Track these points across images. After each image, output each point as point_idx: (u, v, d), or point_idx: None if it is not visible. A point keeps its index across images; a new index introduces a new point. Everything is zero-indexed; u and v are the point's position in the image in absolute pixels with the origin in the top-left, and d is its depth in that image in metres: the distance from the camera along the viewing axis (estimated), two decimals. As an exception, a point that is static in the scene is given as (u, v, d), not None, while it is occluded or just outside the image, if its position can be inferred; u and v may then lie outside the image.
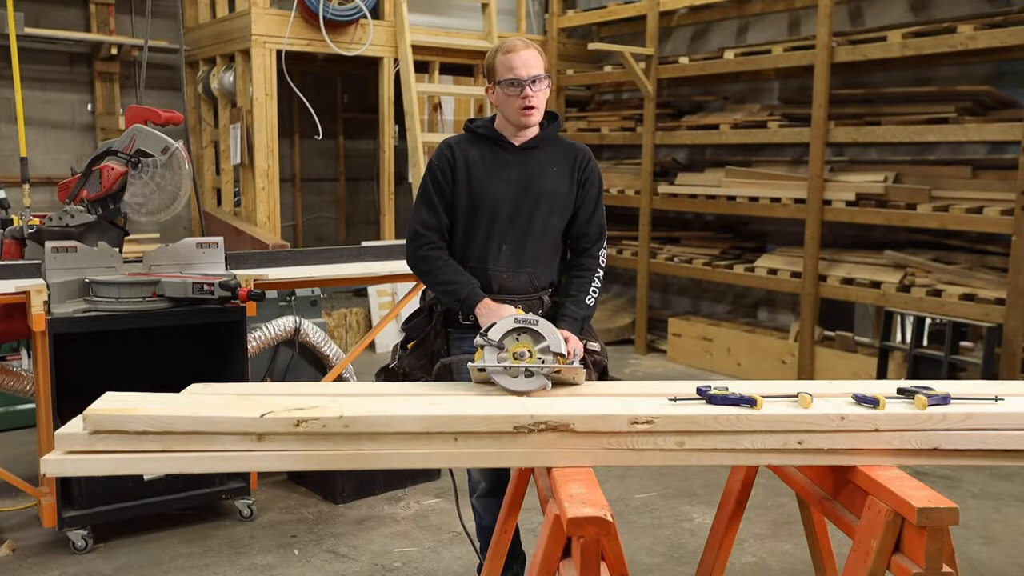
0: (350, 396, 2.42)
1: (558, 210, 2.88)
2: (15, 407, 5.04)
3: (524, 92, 2.75)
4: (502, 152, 2.86)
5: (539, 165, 2.86)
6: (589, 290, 2.86)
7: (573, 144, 2.97)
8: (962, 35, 5.29)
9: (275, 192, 6.97)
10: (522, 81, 2.74)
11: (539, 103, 2.79)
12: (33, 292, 3.39)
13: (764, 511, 4.06)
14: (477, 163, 2.85)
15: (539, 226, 2.85)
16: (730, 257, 7.01)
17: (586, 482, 2.09)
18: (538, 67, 2.77)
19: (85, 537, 3.60)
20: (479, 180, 2.84)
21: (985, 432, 2.27)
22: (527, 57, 2.76)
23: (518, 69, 2.75)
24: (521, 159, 2.86)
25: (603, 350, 2.89)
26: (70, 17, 7.34)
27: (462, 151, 2.88)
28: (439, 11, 7.80)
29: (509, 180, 2.83)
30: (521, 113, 2.78)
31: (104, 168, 3.72)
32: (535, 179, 2.84)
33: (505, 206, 2.82)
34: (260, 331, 4.44)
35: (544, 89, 2.80)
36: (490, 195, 2.83)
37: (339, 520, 3.97)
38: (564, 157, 2.90)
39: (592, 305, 2.85)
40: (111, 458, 2.11)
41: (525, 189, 2.83)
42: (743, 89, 7.41)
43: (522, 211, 2.83)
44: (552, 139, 2.92)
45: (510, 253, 2.84)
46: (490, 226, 2.84)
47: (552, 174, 2.87)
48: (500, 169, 2.84)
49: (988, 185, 5.47)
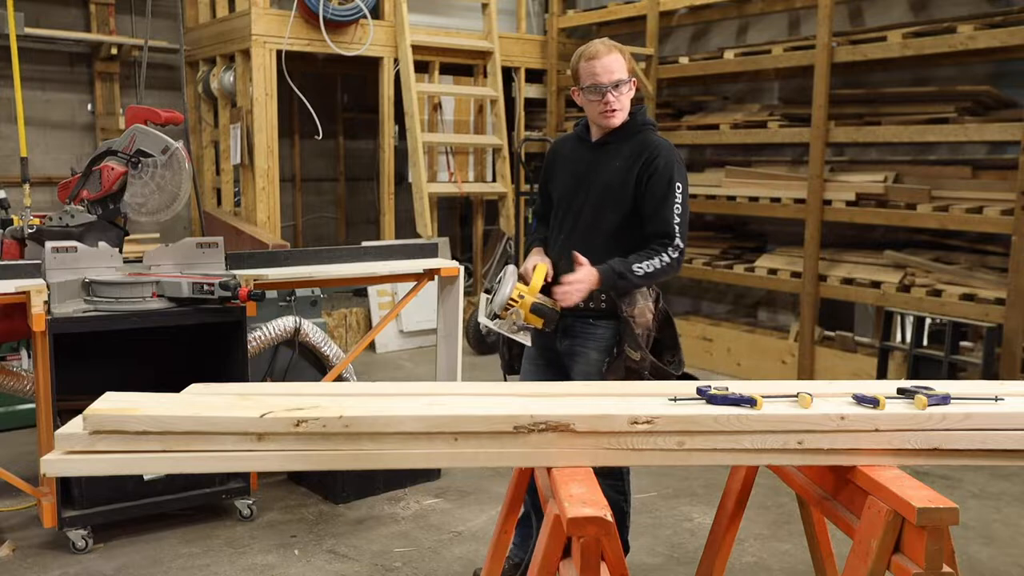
0: (350, 396, 2.42)
1: (611, 204, 2.94)
2: (15, 407, 5.04)
3: (606, 98, 2.89)
4: (581, 148, 3.06)
5: (605, 160, 2.98)
6: (644, 261, 2.84)
7: (650, 140, 2.97)
8: (962, 35, 5.29)
9: (275, 192, 6.97)
10: (603, 88, 2.88)
11: (621, 106, 2.92)
12: (33, 292, 3.39)
13: (764, 511, 4.06)
14: (561, 160, 3.12)
15: (590, 219, 2.97)
16: (730, 257, 7.01)
17: (586, 482, 2.10)
18: (620, 71, 2.89)
19: (85, 537, 3.60)
20: (555, 174, 3.13)
21: (985, 432, 2.27)
22: (609, 63, 2.88)
23: (600, 75, 2.88)
24: (592, 155, 3.02)
25: (644, 360, 2.85)
26: (70, 17, 7.34)
27: (557, 148, 3.19)
28: (439, 11, 7.80)
29: (572, 174, 3.03)
30: (602, 116, 2.94)
31: (104, 168, 3.73)
32: (593, 173, 2.98)
33: (564, 198, 3.05)
34: (260, 331, 4.44)
35: (627, 92, 2.92)
36: (558, 188, 3.10)
37: (339, 520, 3.97)
38: (633, 153, 2.94)
39: (638, 274, 2.82)
40: (111, 458, 2.11)
41: (581, 182, 3.00)
42: (743, 89, 7.41)
43: (575, 203, 3.01)
44: (630, 134, 2.98)
45: (565, 241, 3.01)
46: (556, 217, 3.10)
47: (613, 168, 2.95)
48: (572, 164, 3.06)
49: (988, 185, 5.47)
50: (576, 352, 2.99)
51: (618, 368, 2.87)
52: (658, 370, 2.87)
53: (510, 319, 2.79)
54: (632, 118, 2.98)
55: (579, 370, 2.98)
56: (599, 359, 2.93)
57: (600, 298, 2.92)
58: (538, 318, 2.85)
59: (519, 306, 2.80)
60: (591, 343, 2.96)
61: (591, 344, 2.96)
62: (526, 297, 2.82)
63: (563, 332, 2.99)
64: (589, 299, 2.90)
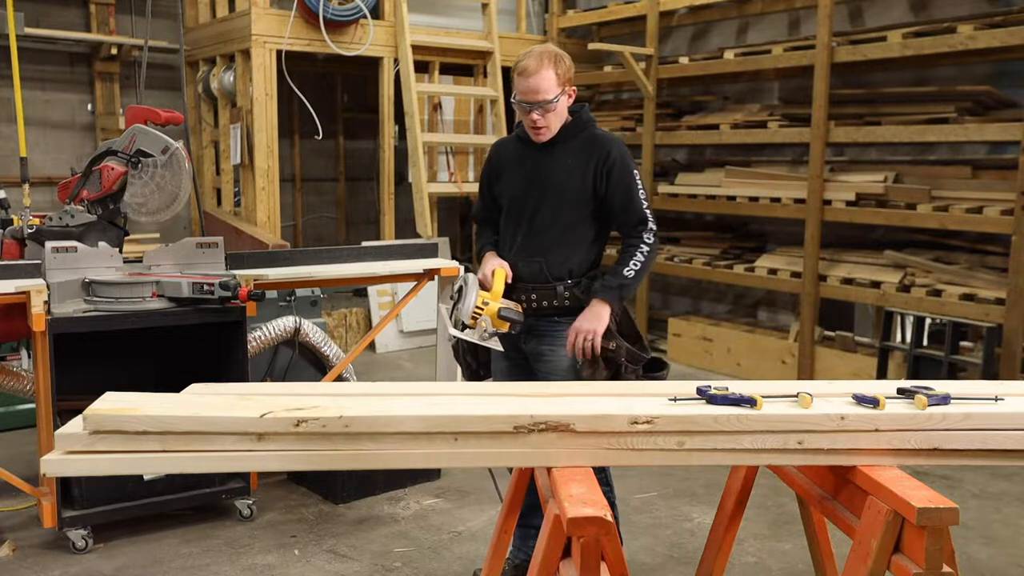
0: (350, 396, 2.42)
1: (568, 203, 2.97)
2: (15, 407, 5.04)
3: (531, 115, 2.90)
4: (525, 149, 3.04)
5: (554, 159, 2.98)
6: (629, 262, 2.92)
7: (598, 136, 3.00)
8: (962, 35, 5.29)
9: (275, 192, 6.97)
10: (530, 106, 2.87)
11: (547, 123, 2.92)
12: (33, 292, 3.39)
13: (764, 511, 4.06)
14: (504, 163, 3.11)
15: (547, 219, 2.98)
16: (730, 257, 7.00)
17: (586, 482, 2.09)
18: (548, 90, 2.85)
19: (85, 537, 3.60)
20: (500, 177, 3.11)
21: (985, 432, 2.26)
22: (536, 83, 2.85)
23: (526, 94, 2.88)
24: (539, 155, 3.01)
25: (619, 348, 2.90)
26: (70, 17, 7.34)
27: (499, 150, 3.19)
28: (439, 11, 7.80)
29: (522, 176, 3.02)
30: (531, 131, 2.96)
31: (104, 168, 3.72)
32: (544, 174, 2.98)
33: (517, 201, 3.04)
34: (260, 331, 4.44)
35: (556, 109, 2.90)
36: (506, 190, 3.09)
37: (339, 520, 3.97)
38: (584, 151, 2.96)
39: (631, 276, 2.90)
40: (111, 458, 2.11)
41: (532, 184, 3.00)
42: (743, 89, 7.41)
43: (529, 204, 3.00)
44: (576, 132, 2.98)
45: (522, 243, 3.02)
46: (507, 218, 3.09)
47: (566, 167, 2.96)
48: (518, 166, 3.05)
49: (988, 185, 5.47)
50: (543, 352, 3.02)
51: (595, 359, 2.89)
52: (633, 355, 2.93)
53: (480, 327, 2.79)
54: (575, 117, 2.99)
55: (546, 369, 3.00)
56: (566, 357, 2.95)
57: (564, 295, 2.97)
58: (505, 322, 2.85)
59: (485, 313, 2.81)
60: (557, 342, 2.98)
61: (558, 342, 2.98)
62: (491, 303, 2.83)
63: (528, 333, 3.01)
64: (553, 297, 2.97)
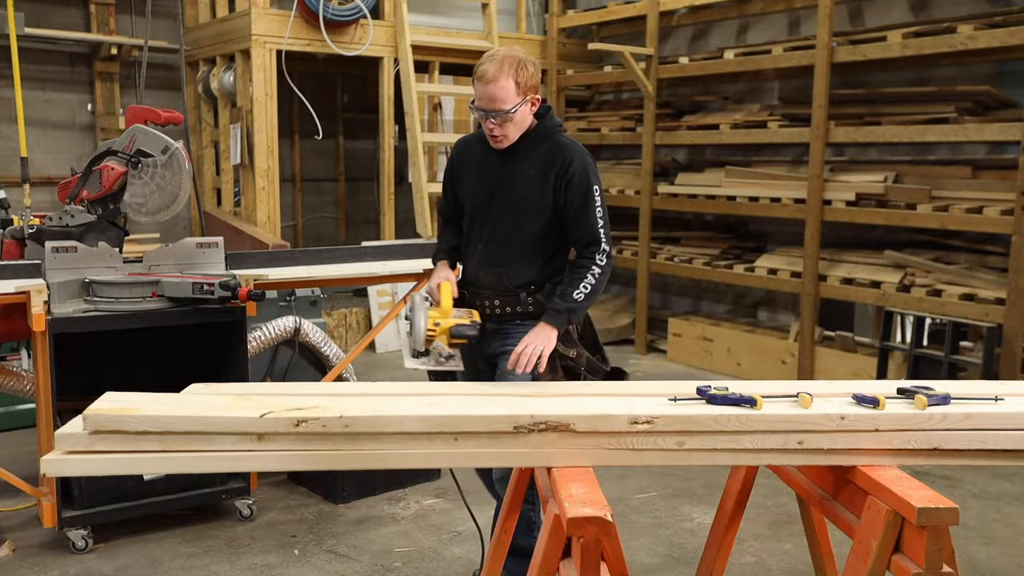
0: (350, 396, 2.42)
1: (530, 214, 2.88)
2: (15, 407, 5.04)
3: (488, 123, 2.81)
4: (488, 154, 2.94)
5: (517, 168, 2.89)
6: (580, 285, 2.81)
7: (561, 145, 2.89)
8: (962, 35, 5.29)
9: (275, 192, 6.97)
10: (487, 114, 2.79)
11: (505, 132, 2.82)
12: (33, 292, 3.39)
13: (764, 511, 4.06)
14: (467, 165, 3.01)
15: (508, 229, 2.91)
16: (730, 257, 7.01)
17: (586, 482, 2.09)
18: (506, 100, 2.74)
19: (85, 537, 3.60)
20: (463, 182, 3.02)
21: (985, 432, 2.27)
22: (494, 91, 2.74)
23: (482, 101, 2.78)
24: (502, 162, 2.92)
25: (580, 357, 2.88)
26: (70, 17, 7.34)
27: (463, 150, 3.06)
28: (439, 11, 7.80)
29: (484, 183, 2.94)
30: (489, 138, 2.86)
31: (104, 168, 3.72)
32: (507, 183, 2.90)
33: (479, 208, 2.97)
34: (260, 331, 4.44)
35: (515, 118, 2.79)
36: (467, 197, 3.00)
37: (339, 520, 3.97)
38: (546, 160, 2.86)
39: (581, 300, 2.79)
40: (111, 458, 2.11)
41: (494, 193, 2.92)
42: (743, 89, 7.41)
43: (491, 214, 2.93)
44: (540, 139, 2.89)
45: (483, 251, 2.96)
46: (469, 225, 3.02)
47: (528, 178, 2.87)
48: (480, 172, 2.96)
49: (988, 185, 5.47)
50: (505, 351, 2.96)
51: (554, 367, 2.86)
52: (592, 365, 2.90)
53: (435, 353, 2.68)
54: (540, 123, 2.90)
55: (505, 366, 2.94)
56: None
57: (527, 301, 2.93)
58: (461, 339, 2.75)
59: (438, 335, 2.70)
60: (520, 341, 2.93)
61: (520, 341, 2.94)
62: (442, 323, 2.72)
63: (491, 335, 2.97)
64: (516, 303, 2.93)
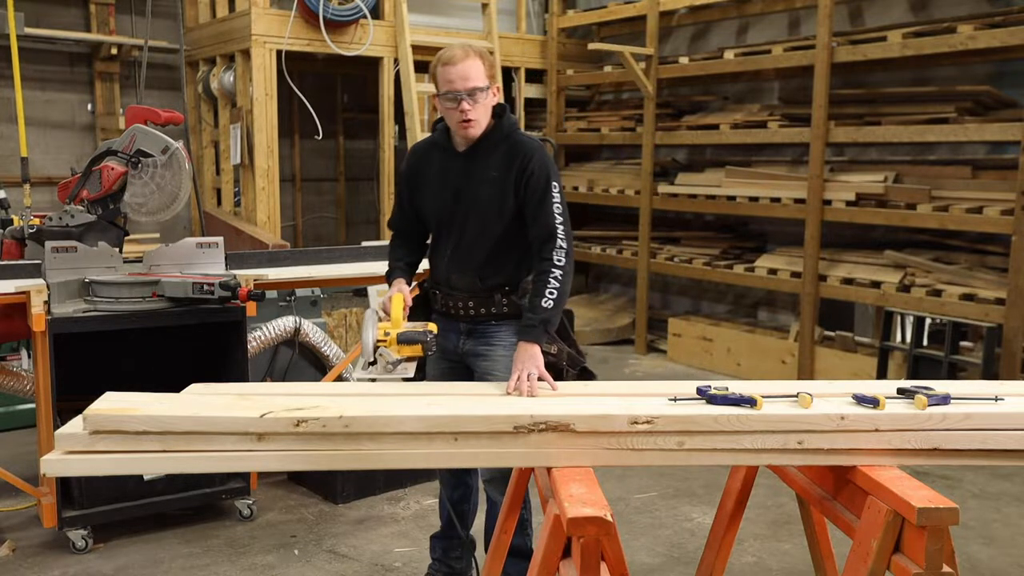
0: (350, 396, 2.42)
1: (496, 215, 2.87)
2: (15, 407, 5.04)
3: (461, 106, 2.75)
4: (447, 159, 2.92)
5: (478, 172, 2.88)
6: (545, 292, 2.76)
7: (519, 143, 2.88)
8: (962, 35, 5.29)
9: (275, 192, 6.97)
10: (458, 95, 2.74)
11: (477, 115, 2.79)
12: (33, 292, 3.39)
13: (764, 511, 4.06)
14: (425, 174, 2.97)
15: (475, 232, 2.90)
16: (730, 257, 7.01)
17: (586, 482, 2.10)
18: (478, 78, 2.74)
19: (85, 537, 3.60)
20: (421, 192, 2.99)
21: (985, 432, 2.27)
22: (464, 69, 2.73)
23: (454, 82, 2.74)
24: (461, 166, 2.90)
25: (560, 352, 2.89)
26: (70, 17, 7.34)
27: (418, 160, 3.02)
28: (439, 11, 7.79)
29: (448, 188, 2.91)
30: (460, 126, 2.82)
31: (104, 168, 3.72)
32: (470, 187, 2.88)
33: (444, 213, 2.94)
34: (260, 331, 4.44)
35: (485, 100, 2.78)
36: (428, 206, 2.98)
37: (339, 520, 3.97)
38: (506, 160, 2.85)
39: (551, 307, 2.75)
40: (111, 458, 2.11)
41: (459, 196, 2.90)
42: (743, 89, 7.41)
43: (456, 219, 2.92)
44: (499, 140, 2.88)
45: (454, 256, 2.95)
46: (435, 231, 3.00)
47: (490, 180, 2.86)
48: (442, 177, 2.94)
49: (988, 185, 5.47)
50: (480, 352, 2.98)
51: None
52: (572, 358, 2.91)
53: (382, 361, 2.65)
54: (498, 122, 2.88)
55: (483, 368, 2.97)
56: (506, 356, 2.91)
57: (502, 303, 2.92)
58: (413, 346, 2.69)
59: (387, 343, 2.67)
60: (495, 341, 2.96)
61: (496, 341, 2.96)
62: (392, 333, 2.69)
63: (467, 335, 2.98)
64: (491, 304, 2.92)
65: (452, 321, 2.98)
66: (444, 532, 3.27)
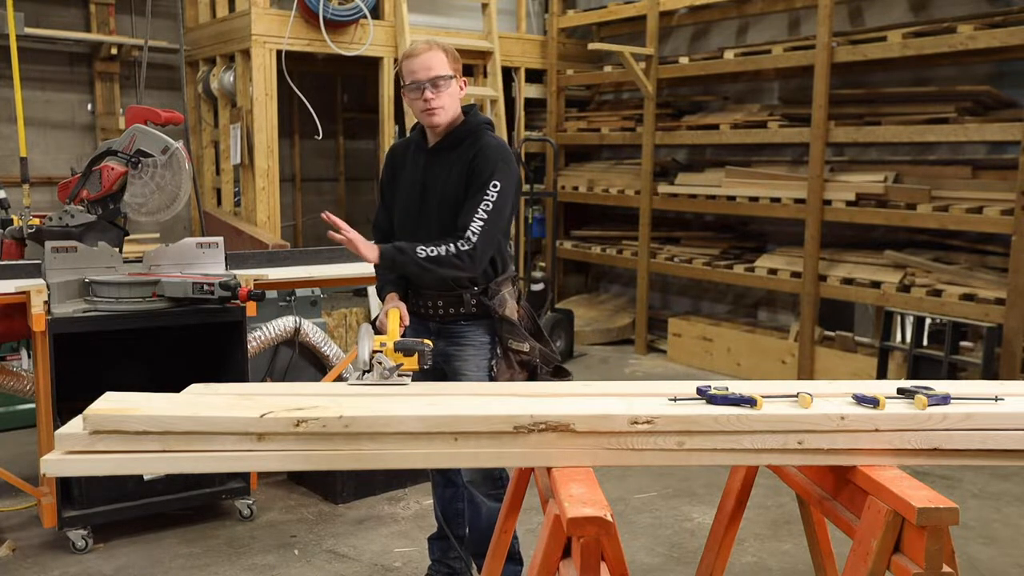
0: (350, 396, 2.42)
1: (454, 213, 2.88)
2: (15, 407, 5.04)
3: (424, 95, 2.81)
4: (418, 154, 2.98)
5: (442, 169, 2.91)
6: (429, 248, 2.77)
7: (479, 142, 2.89)
8: (962, 35, 5.29)
9: (275, 192, 6.97)
10: (421, 84, 2.80)
11: (441, 103, 2.83)
12: (33, 292, 3.39)
13: (764, 511, 4.06)
14: (399, 169, 3.03)
15: (440, 229, 2.90)
16: (730, 257, 7.01)
17: (586, 482, 2.09)
18: (440, 68, 2.81)
19: (85, 537, 3.60)
20: (393, 188, 3.05)
21: (985, 432, 2.26)
22: (427, 59, 2.81)
23: (417, 72, 2.81)
24: (429, 161, 2.95)
25: (533, 350, 2.92)
26: (70, 17, 7.34)
27: (394, 156, 3.08)
28: (439, 11, 7.79)
29: (416, 183, 2.96)
30: (424, 115, 2.86)
31: (104, 168, 3.73)
32: (434, 184, 2.92)
33: (411, 211, 2.97)
34: (260, 331, 4.44)
35: (448, 90, 2.83)
36: (399, 202, 3.02)
37: (339, 520, 3.97)
38: (466, 154, 2.88)
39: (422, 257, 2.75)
40: (111, 458, 2.10)
41: (424, 191, 2.94)
42: (743, 89, 7.41)
43: (422, 216, 2.95)
44: (464, 135, 2.90)
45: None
46: (403, 226, 3.01)
47: (452, 176, 2.89)
48: (411, 171, 2.98)
49: (988, 185, 5.47)
50: (450, 353, 2.99)
51: (510, 364, 2.91)
52: (545, 355, 2.93)
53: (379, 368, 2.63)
54: (465, 121, 2.91)
55: (455, 367, 2.99)
56: (476, 355, 2.95)
57: (471, 303, 2.94)
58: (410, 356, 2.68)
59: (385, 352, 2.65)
60: (465, 341, 2.98)
61: (465, 342, 2.98)
62: (388, 343, 2.67)
63: (436, 335, 2.98)
64: (460, 304, 2.94)
65: (423, 321, 3.00)
66: (440, 533, 3.28)
